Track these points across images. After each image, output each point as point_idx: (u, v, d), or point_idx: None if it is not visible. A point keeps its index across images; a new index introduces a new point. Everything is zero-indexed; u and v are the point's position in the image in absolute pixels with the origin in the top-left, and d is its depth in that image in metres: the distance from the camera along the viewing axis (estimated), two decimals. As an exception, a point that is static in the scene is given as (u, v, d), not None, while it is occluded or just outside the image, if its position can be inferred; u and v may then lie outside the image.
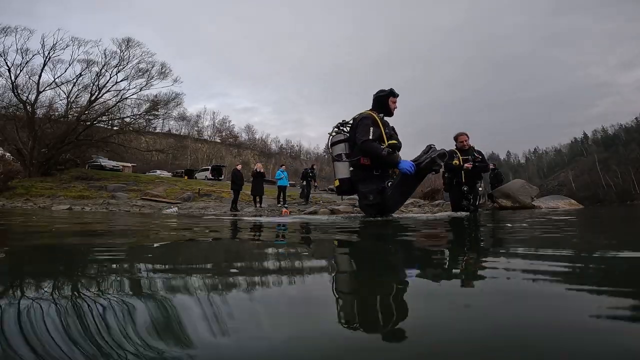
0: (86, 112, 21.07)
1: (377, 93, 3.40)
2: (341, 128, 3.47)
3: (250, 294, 0.65)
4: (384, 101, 3.36)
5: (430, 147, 3.17)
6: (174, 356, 0.38)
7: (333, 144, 3.45)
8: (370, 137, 3.11)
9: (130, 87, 21.98)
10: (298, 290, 0.71)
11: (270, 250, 1.32)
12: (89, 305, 0.54)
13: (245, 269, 0.91)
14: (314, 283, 0.77)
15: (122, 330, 0.44)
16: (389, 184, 3.25)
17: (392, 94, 3.35)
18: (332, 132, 3.49)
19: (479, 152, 5.12)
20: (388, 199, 3.16)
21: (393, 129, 3.40)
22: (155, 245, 1.41)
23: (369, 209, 3.27)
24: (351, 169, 3.33)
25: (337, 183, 3.44)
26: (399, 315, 0.52)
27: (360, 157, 3.22)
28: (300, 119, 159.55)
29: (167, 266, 0.95)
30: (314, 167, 14.49)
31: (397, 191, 3.18)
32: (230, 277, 0.77)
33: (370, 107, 3.40)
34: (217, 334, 0.44)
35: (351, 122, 3.44)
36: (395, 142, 3.25)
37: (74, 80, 21.38)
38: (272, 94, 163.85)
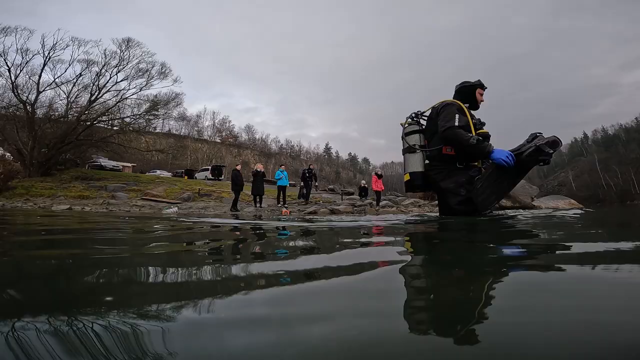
0: (86, 112, 21.07)
1: (461, 84, 3.02)
2: (415, 119, 3.11)
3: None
4: (470, 92, 2.97)
5: (535, 135, 2.62)
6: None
7: (406, 134, 3.05)
8: (456, 124, 2.67)
9: (130, 87, 22.06)
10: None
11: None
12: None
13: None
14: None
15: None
16: (477, 178, 2.73)
17: (480, 85, 2.98)
18: (405, 122, 3.11)
19: None
20: (476, 195, 2.64)
21: (480, 120, 2.96)
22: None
23: (462, 206, 2.72)
24: (427, 161, 2.92)
25: (407, 177, 3.01)
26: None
27: (442, 147, 2.77)
28: (302, 119, 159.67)
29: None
30: (312, 167, 14.58)
31: (488, 187, 2.64)
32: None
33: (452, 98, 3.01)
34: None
35: (428, 111, 3.04)
36: (486, 131, 2.82)
37: (74, 80, 21.46)
38: (275, 94, 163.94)
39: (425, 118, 3.09)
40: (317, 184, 15.85)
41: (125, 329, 0.46)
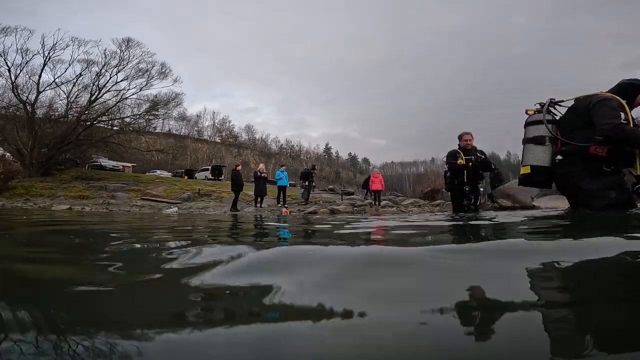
0: (86, 112, 21.07)
1: (628, 80, 2.60)
2: (549, 107, 2.74)
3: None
4: (633, 92, 2.54)
5: None
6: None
7: (531, 123, 2.73)
8: (624, 120, 2.34)
9: (130, 87, 22.02)
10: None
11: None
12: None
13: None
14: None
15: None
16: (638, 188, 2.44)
17: None
18: (539, 110, 2.76)
19: (482, 152, 5.09)
20: None
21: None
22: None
23: (609, 210, 2.42)
24: (559, 157, 2.58)
25: (526, 170, 2.66)
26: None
27: (590, 146, 2.43)
28: (302, 119, 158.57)
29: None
30: (315, 167, 14.49)
31: None
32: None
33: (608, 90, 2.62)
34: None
35: (571, 101, 2.67)
36: None
37: (74, 80, 21.41)
38: (276, 94, 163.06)
39: (571, 108, 2.75)
40: (314, 184, 15.70)
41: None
